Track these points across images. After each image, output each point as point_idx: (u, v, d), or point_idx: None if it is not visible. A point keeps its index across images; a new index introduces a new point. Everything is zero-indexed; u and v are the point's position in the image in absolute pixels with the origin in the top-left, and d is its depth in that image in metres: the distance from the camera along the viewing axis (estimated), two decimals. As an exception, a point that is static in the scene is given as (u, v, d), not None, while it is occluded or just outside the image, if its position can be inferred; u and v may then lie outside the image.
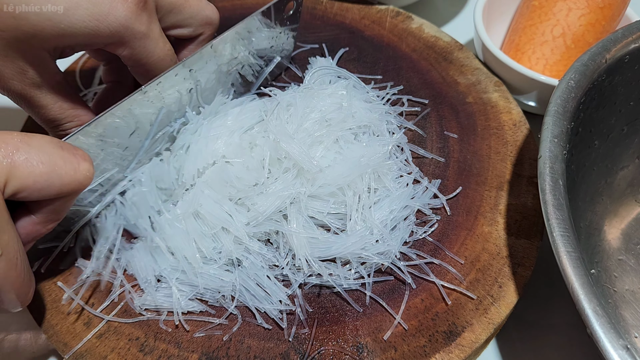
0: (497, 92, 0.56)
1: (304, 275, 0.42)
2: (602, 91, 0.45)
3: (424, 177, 0.49)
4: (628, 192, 0.52)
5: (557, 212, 0.37)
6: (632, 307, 0.46)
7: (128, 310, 0.41)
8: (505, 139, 0.52)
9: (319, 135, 0.44)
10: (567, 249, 0.35)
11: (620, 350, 0.31)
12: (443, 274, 0.43)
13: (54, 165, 0.32)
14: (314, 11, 0.64)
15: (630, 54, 0.46)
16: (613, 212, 0.51)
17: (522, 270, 0.43)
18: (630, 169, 0.52)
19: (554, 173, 0.38)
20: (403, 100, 0.55)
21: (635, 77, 0.47)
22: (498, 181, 0.49)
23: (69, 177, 0.32)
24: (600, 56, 0.44)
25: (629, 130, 0.50)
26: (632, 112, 0.49)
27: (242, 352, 0.40)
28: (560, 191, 0.38)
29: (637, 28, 0.47)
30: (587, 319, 0.32)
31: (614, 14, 0.56)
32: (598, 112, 0.46)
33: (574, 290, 0.33)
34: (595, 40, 0.53)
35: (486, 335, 0.40)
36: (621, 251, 0.49)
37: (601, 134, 0.48)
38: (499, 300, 0.42)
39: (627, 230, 0.51)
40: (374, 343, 0.40)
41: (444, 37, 0.61)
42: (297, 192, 0.42)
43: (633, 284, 0.47)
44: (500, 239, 0.45)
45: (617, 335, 0.32)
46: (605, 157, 0.50)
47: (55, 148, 0.32)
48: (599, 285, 0.47)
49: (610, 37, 0.46)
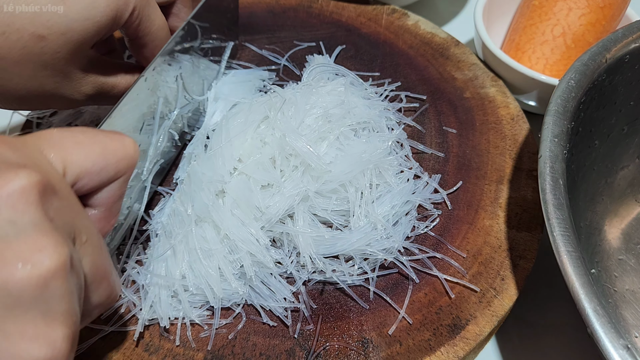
0: (494, 87, 0.56)
1: (307, 273, 0.42)
2: (602, 91, 0.45)
3: (424, 172, 0.49)
4: (628, 191, 0.52)
5: (558, 212, 0.37)
6: (632, 306, 0.46)
7: (132, 311, 0.41)
8: (504, 133, 0.52)
9: (323, 131, 0.44)
10: (567, 248, 0.35)
11: (621, 349, 0.31)
12: (446, 268, 0.44)
13: (105, 144, 0.30)
14: (310, 9, 0.64)
15: (630, 54, 0.46)
16: (613, 211, 0.51)
17: (524, 263, 0.44)
18: (631, 169, 0.52)
19: (555, 172, 0.39)
20: (401, 97, 0.55)
21: (635, 77, 0.47)
22: (497, 175, 0.49)
23: (120, 152, 0.31)
24: (601, 56, 0.45)
25: (629, 130, 0.50)
26: (632, 111, 0.49)
27: (248, 350, 0.40)
28: (560, 191, 0.38)
29: (638, 28, 0.47)
30: (588, 319, 0.32)
31: (614, 14, 0.56)
32: (598, 112, 0.47)
33: (574, 289, 0.33)
34: (596, 40, 0.53)
35: (490, 328, 0.40)
36: (621, 251, 0.50)
37: (601, 133, 0.48)
38: (501, 293, 0.42)
39: (627, 230, 0.51)
40: (379, 338, 0.40)
41: (440, 34, 0.61)
42: (306, 190, 0.42)
43: (633, 283, 0.48)
44: (501, 232, 0.46)
45: (617, 334, 0.32)
46: (605, 156, 0.50)
47: (95, 130, 0.31)
48: (599, 285, 0.47)
49: (611, 37, 0.46)
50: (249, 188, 0.42)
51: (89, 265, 0.28)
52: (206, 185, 0.42)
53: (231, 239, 0.41)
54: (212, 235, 0.41)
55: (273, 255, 0.42)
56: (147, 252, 0.44)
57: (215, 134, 0.46)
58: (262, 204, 0.42)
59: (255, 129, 0.45)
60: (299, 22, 0.62)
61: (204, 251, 0.41)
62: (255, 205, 0.42)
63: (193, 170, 0.44)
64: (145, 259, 0.43)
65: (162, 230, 0.44)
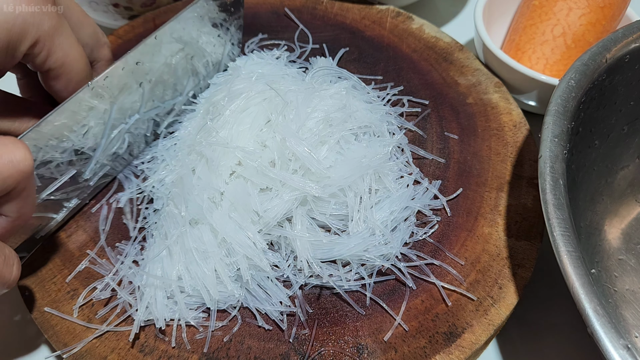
0: (497, 93, 0.56)
1: (304, 277, 0.42)
2: (602, 91, 0.45)
3: (425, 178, 0.49)
4: (628, 191, 0.52)
5: (558, 212, 0.37)
6: (632, 306, 0.46)
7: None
8: (506, 140, 0.52)
9: (323, 135, 0.44)
10: (567, 248, 0.35)
11: (621, 349, 0.31)
12: (443, 275, 0.43)
13: None
14: (315, 11, 0.64)
15: (630, 54, 0.46)
16: (613, 211, 0.51)
17: (522, 272, 0.43)
18: (631, 169, 0.52)
19: (555, 173, 0.38)
20: (403, 101, 0.55)
21: (635, 77, 0.47)
22: (498, 182, 0.49)
23: (7, 169, 0.31)
24: (601, 56, 0.44)
25: (629, 130, 0.50)
26: (632, 111, 0.49)
27: (243, 353, 0.40)
28: (560, 191, 0.38)
29: (638, 28, 0.47)
30: (588, 319, 0.32)
31: (614, 14, 0.56)
32: (598, 112, 0.46)
33: (574, 289, 0.33)
34: (596, 40, 0.53)
35: (486, 337, 0.40)
36: (621, 251, 0.49)
37: (601, 133, 0.48)
38: (499, 302, 0.42)
39: (627, 230, 0.51)
40: (375, 344, 0.40)
41: (445, 38, 0.61)
42: (304, 194, 0.42)
43: (633, 283, 0.48)
44: (500, 240, 0.45)
45: (617, 335, 0.32)
46: (605, 156, 0.50)
47: None
48: (599, 285, 0.47)
49: (611, 37, 0.46)
50: (247, 192, 0.42)
51: None
52: (200, 191, 0.42)
53: (228, 242, 0.41)
54: (208, 237, 0.41)
55: (270, 259, 0.42)
56: (143, 252, 0.44)
57: (214, 133, 0.46)
58: (259, 207, 0.41)
59: (257, 132, 0.45)
60: (302, 23, 0.62)
61: (200, 252, 0.41)
62: (252, 209, 0.41)
63: (187, 173, 0.44)
64: (141, 260, 0.43)
65: (157, 231, 0.44)
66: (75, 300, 0.42)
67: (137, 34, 0.60)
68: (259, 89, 0.45)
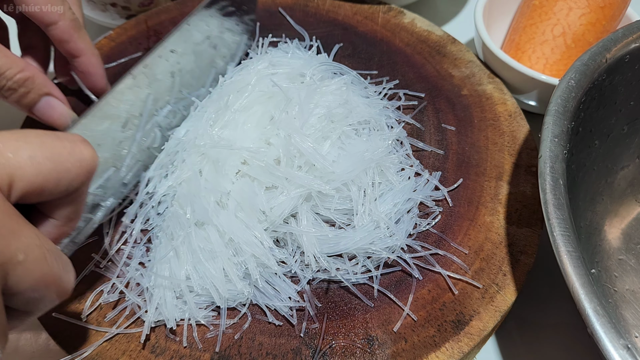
0: (491, 84, 0.56)
1: (312, 272, 0.42)
2: (602, 91, 0.46)
3: (425, 170, 0.49)
4: (628, 191, 0.52)
5: (558, 212, 0.37)
6: (632, 306, 0.47)
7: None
8: (502, 130, 0.53)
9: (326, 131, 0.44)
10: (567, 248, 0.35)
11: (621, 349, 0.31)
12: (448, 265, 0.44)
13: (59, 158, 0.29)
14: (307, 8, 0.64)
15: (630, 54, 0.46)
16: (613, 211, 0.52)
17: (525, 258, 0.44)
18: (631, 169, 0.52)
19: (555, 173, 0.39)
20: (399, 95, 0.55)
21: (635, 77, 0.47)
22: (497, 171, 0.50)
23: (76, 167, 0.30)
24: (601, 56, 0.45)
25: (629, 130, 0.50)
26: (632, 111, 0.49)
27: (254, 350, 0.40)
28: (560, 191, 0.38)
29: (638, 28, 0.47)
30: (588, 319, 0.33)
31: (614, 14, 0.56)
32: (598, 112, 0.47)
33: (574, 289, 0.34)
34: (596, 40, 0.53)
35: (494, 323, 0.41)
36: (621, 251, 0.50)
37: (601, 133, 0.48)
38: (504, 288, 0.43)
39: (627, 230, 0.51)
40: (384, 335, 0.40)
41: (437, 31, 0.61)
42: (310, 190, 0.42)
43: (633, 283, 0.48)
44: (502, 228, 0.46)
45: (617, 334, 0.32)
46: (605, 156, 0.50)
47: (55, 140, 0.30)
48: (599, 285, 0.47)
49: (611, 37, 0.46)
50: (254, 191, 0.42)
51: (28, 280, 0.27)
52: (207, 193, 0.42)
53: (235, 242, 0.41)
54: (215, 237, 0.41)
55: (277, 255, 0.42)
56: (149, 254, 0.44)
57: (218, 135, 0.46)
58: (266, 206, 0.42)
59: (262, 130, 0.45)
60: (295, 21, 0.62)
61: (207, 252, 0.41)
62: (259, 208, 0.42)
63: (193, 175, 0.44)
64: (147, 262, 0.43)
65: (163, 232, 0.44)
66: (82, 304, 0.42)
67: (130, 37, 0.60)
68: (263, 88, 0.45)
